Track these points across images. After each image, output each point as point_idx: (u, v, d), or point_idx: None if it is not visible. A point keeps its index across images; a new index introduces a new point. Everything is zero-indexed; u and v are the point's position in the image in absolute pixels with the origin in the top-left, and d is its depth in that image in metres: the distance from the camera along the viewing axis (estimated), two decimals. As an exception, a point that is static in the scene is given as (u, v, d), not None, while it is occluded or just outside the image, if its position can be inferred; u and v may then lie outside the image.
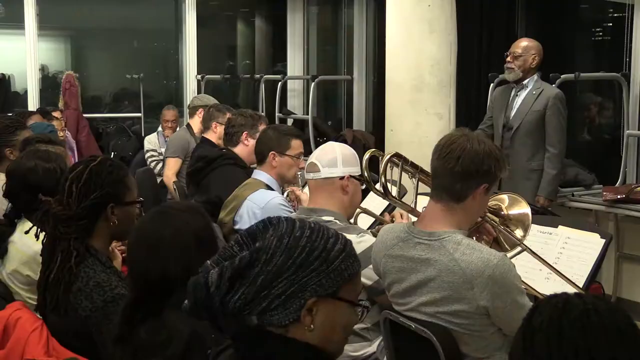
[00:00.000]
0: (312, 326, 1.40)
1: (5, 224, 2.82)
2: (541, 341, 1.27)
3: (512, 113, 4.71)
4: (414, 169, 2.60)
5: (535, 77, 4.71)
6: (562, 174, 4.80)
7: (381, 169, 2.51)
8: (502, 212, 2.55)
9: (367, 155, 2.63)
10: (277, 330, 1.40)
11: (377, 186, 2.60)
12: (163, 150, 6.03)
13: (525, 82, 4.69)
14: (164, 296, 1.86)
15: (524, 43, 4.73)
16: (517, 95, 4.74)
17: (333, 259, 1.42)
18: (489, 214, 2.49)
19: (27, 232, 2.52)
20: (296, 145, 3.55)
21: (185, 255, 1.88)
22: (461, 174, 2.18)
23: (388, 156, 2.55)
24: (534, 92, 4.65)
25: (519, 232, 2.51)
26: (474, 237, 2.38)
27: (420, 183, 2.60)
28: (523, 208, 2.54)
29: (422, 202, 2.47)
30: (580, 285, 2.56)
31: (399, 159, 2.59)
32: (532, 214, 3.51)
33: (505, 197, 2.59)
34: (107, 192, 2.28)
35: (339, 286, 1.43)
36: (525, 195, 3.92)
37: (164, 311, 1.86)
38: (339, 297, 1.43)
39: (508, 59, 4.71)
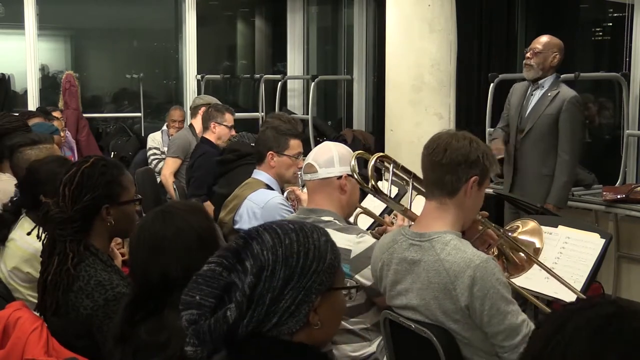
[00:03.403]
0: (319, 323, 1.40)
1: (11, 211, 2.82)
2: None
3: (525, 114, 4.48)
4: (407, 174, 2.57)
5: (553, 77, 4.46)
6: (573, 181, 4.54)
7: (369, 172, 2.47)
8: (513, 235, 2.51)
9: (353, 160, 2.57)
10: (284, 337, 1.38)
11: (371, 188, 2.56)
12: (166, 149, 6.05)
13: (541, 81, 4.44)
14: (165, 296, 1.86)
15: (545, 39, 4.45)
16: (531, 94, 4.49)
17: (325, 254, 1.42)
18: (496, 231, 2.46)
19: (29, 234, 2.52)
20: (295, 144, 3.53)
21: (187, 255, 1.88)
22: (449, 165, 2.20)
23: (374, 158, 2.51)
24: (549, 94, 4.40)
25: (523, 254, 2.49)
26: (481, 248, 2.34)
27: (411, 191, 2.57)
28: (535, 238, 2.52)
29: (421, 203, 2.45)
30: (581, 285, 2.56)
31: (389, 162, 2.56)
32: (532, 213, 3.52)
33: (530, 223, 2.57)
34: (100, 194, 2.27)
35: (334, 278, 1.44)
36: (535, 202, 3.87)
37: (164, 311, 1.86)
38: (335, 287, 1.44)
39: (527, 55, 4.46)
